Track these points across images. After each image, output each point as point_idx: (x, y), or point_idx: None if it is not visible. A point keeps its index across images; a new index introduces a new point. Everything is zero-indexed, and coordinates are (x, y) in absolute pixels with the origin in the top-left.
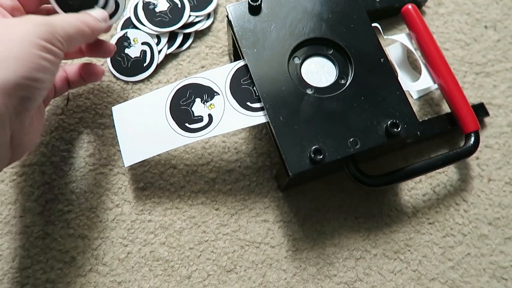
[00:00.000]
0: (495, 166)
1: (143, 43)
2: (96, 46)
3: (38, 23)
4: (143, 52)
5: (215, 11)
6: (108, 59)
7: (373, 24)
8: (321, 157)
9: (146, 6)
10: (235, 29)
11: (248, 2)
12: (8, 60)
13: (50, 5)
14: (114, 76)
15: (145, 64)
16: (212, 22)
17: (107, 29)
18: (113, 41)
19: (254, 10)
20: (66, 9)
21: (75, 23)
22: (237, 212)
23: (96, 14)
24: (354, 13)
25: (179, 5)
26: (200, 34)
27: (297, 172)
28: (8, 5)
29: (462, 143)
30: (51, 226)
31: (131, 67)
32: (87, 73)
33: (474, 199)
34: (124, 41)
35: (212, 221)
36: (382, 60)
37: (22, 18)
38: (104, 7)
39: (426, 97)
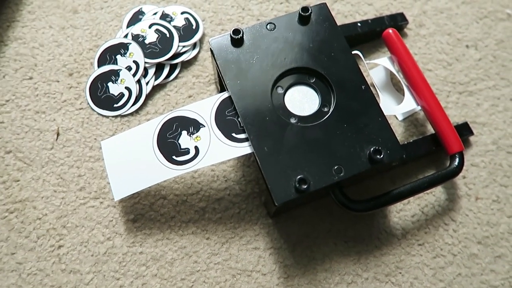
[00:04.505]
0: (482, 184)
1: (126, 88)
2: None
3: None
4: (121, 95)
5: (200, 40)
6: (89, 97)
7: (354, 52)
8: (306, 186)
9: (135, 38)
10: (218, 62)
11: (230, 35)
12: None
13: None
14: (100, 114)
15: (133, 99)
16: (198, 52)
17: None
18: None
19: (236, 42)
20: None
21: None
22: (228, 241)
23: None
24: (334, 41)
25: (168, 35)
26: (186, 64)
27: (283, 202)
28: None
29: (448, 163)
30: (43, 262)
31: (117, 102)
32: None
33: (462, 218)
34: (112, 75)
35: (203, 251)
36: (363, 87)
37: None
38: None
39: (411, 118)
